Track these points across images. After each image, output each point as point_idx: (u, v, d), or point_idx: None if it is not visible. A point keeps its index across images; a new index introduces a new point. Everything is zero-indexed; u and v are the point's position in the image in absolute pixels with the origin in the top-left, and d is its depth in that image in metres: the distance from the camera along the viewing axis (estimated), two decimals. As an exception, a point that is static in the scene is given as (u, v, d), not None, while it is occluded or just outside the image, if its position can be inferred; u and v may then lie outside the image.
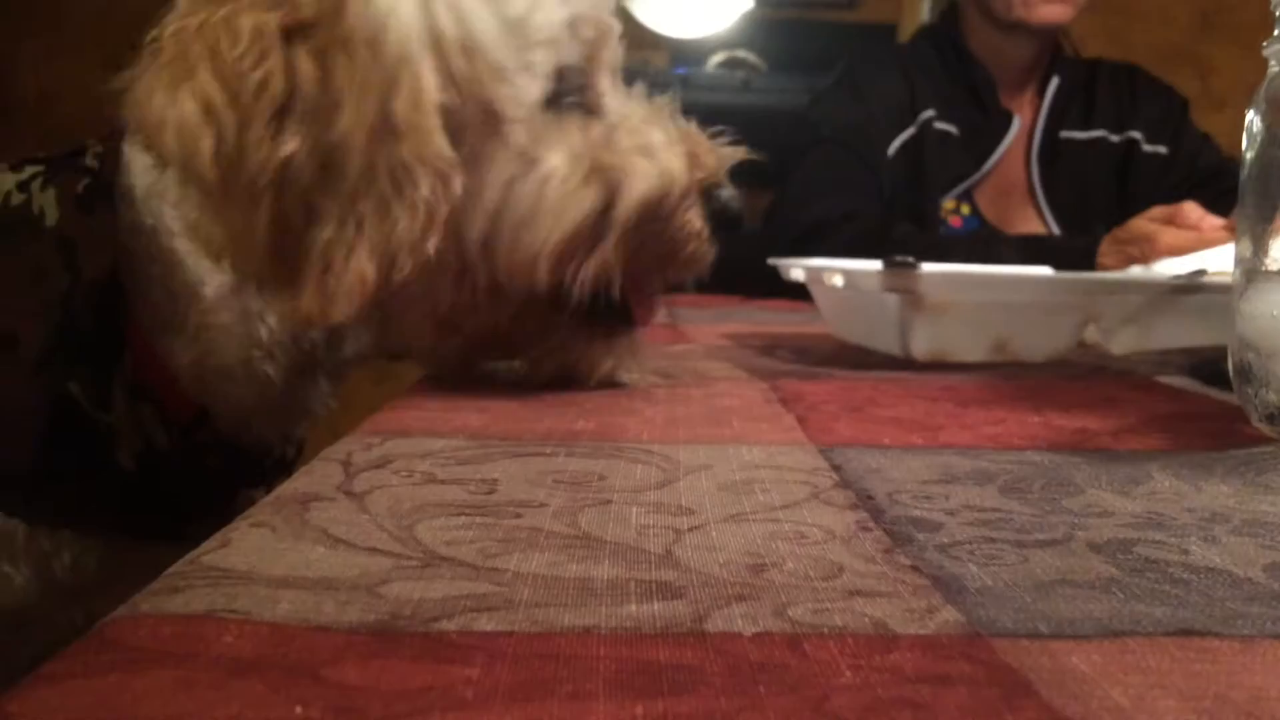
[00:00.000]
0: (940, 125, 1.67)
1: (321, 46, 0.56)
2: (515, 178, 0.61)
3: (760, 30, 3.09)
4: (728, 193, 0.69)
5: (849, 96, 1.69)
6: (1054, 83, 1.70)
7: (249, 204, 0.56)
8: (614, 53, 0.68)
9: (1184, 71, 2.51)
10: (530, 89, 0.62)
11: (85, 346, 0.66)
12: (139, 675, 0.24)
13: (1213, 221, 1.30)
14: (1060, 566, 0.34)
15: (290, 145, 0.55)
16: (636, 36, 3.07)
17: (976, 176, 1.68)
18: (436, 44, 0.58)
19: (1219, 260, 0.99)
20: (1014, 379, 0.75)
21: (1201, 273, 0.90)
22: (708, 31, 3.06)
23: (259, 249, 0.57)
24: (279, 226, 0.56)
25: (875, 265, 0.84)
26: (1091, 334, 0.86)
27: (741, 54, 3.05)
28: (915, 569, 0.33)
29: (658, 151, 0.65)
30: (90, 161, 0.70)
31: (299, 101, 0.55)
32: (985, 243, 1.48)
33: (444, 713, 0.23)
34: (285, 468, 0.78)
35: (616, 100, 0.68)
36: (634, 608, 0.29)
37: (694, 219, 0.66)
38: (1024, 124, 1.71)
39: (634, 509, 0.40)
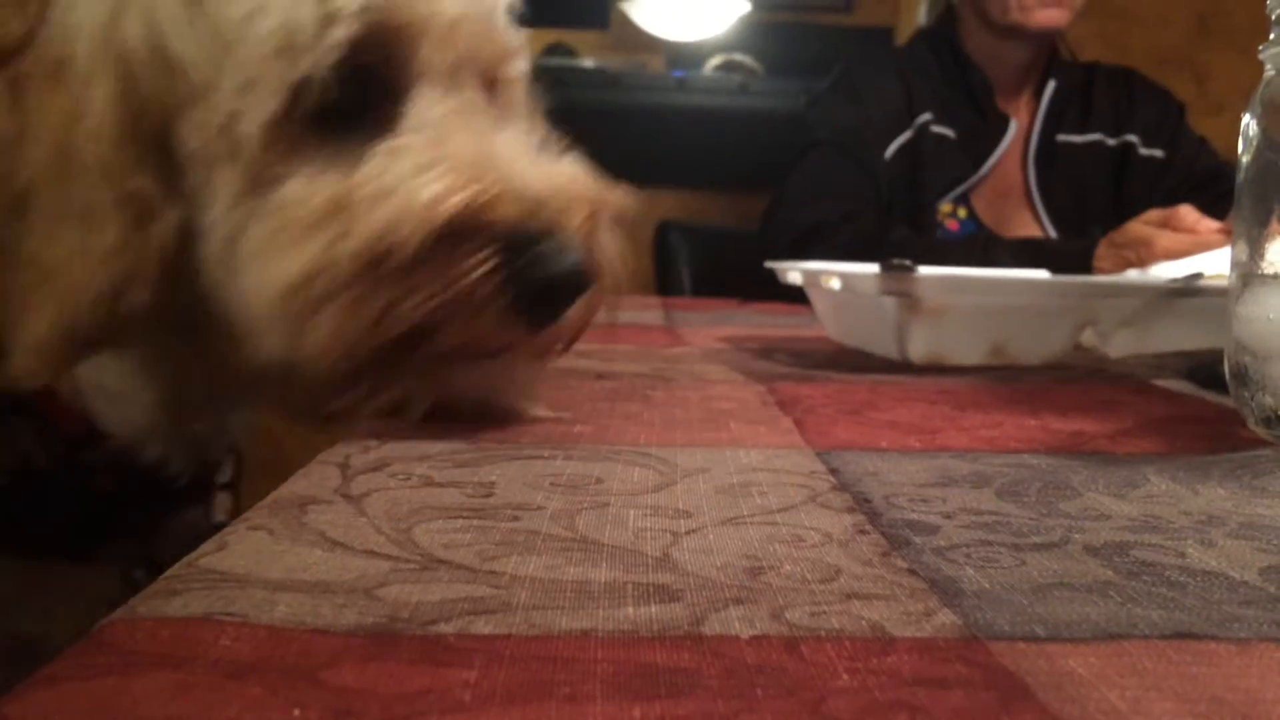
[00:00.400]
0: (937, 128, 1.67)
1: (17, 74, 0.50)
2: (245, 215, 0.52)
3: (757, 33, 3.10)
4: (558, 245, 0.51)
5: (846, 99, 1.69)
6: (1051, 86, 1.71)
7: None
8: (446, 46, 0.55)
9: (1180, 75, 2.52)
10: (253, 108, 0.51)
11: None
12: (137, 678, 0.24)
13: (1209, 224, 1.31)
14: (1057, 570, 0.34)
15: None
16: (633, 39, 3.08)
17: (973, 180, 1.69)
18: (124, 62, 0.50)
19: (1215, 264, 0.99)
20: (1011, 382, 0.76)
21: (1198, 276, 0.90)
22: (704, 35, 3.07)
23: None
24: None
25: (872, 268, 0.84)
26: (1088, 337, 0.86)
27: (738, 57, 3.06)
28: (912, 572, 0.33)
29: (402, 190, 0.50)
30: None
31: None
32: (982, 246, 1.48)
33: (441, 715, 0.23)
34: (207, 486, 0.73)
35: (434, 112, 0.54)
36: (631, 610, 0.29)
37: (468, 277, 0.50)
38: (1021, 127, 1.71)
39: (631, 512, 0.40)
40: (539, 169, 0.54)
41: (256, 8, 0.50)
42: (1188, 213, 1.33)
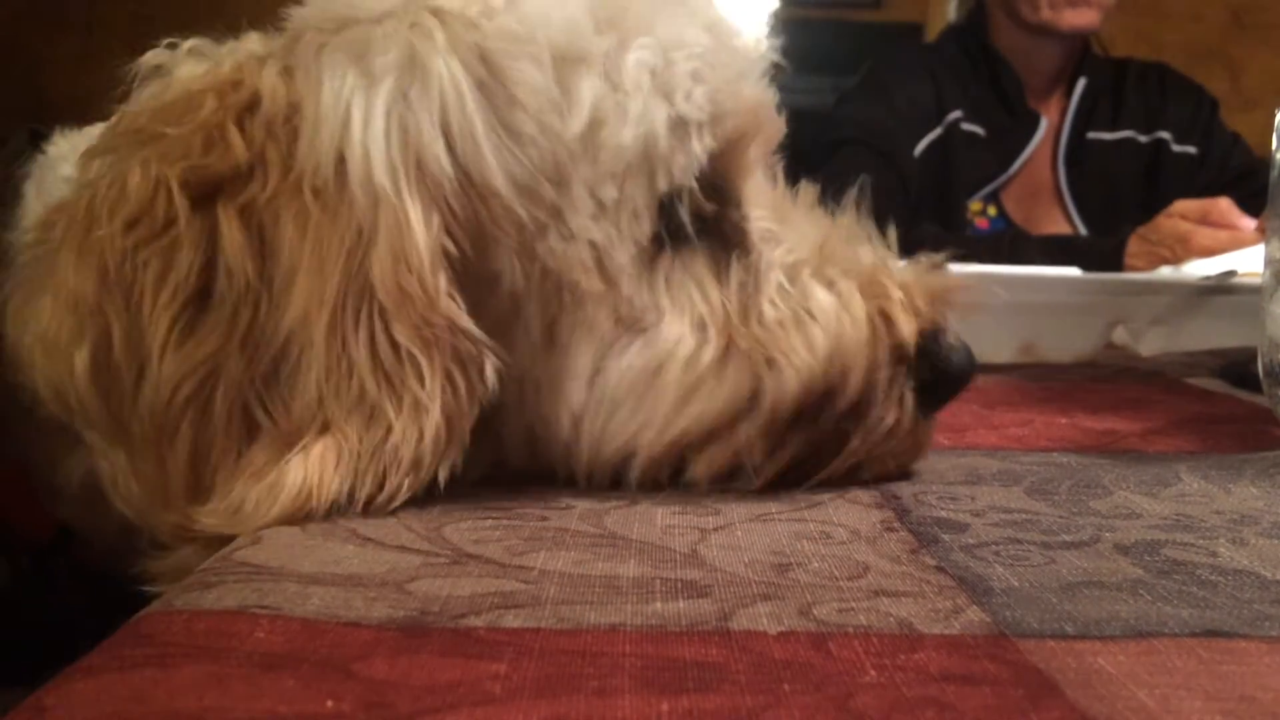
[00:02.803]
0: (967, 126, 1.66)
1: (253, 203, 0.40)
2: (608, 357, 0.44)
3: (785, 30, 3.08)
4: (950, 343, 0.48)
5: (875, 97, 1.68)
6: (1081, 83, 1.69)
7: (158, 439, 0.40)
8: (767, 139, 0.50)
9: (1214, 71, 2.49)
10: (614, 239, 0.43)
11: None
12: (172, 670, 0.24)
13: (1247, 221, 1.29)
14: (1087, 568, 0.34)
15: (212, 340, 0.39)
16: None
17: (1003, 178, 1.67)
18: (426, 179, 0.41)
19: (1249, 261, 0.98)
20: (1041, 380, 0.75)
21: (1231, 274, 0.89)
22: (733, 32, 3.06)
23: (179, 490, 0.40)
24: (201, 453, 0.40)
25: (901, 266, 0.84)
26: (1120, 335, 0.85)
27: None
28: (941, 569, 0.33)
29: (825, 317, 0.45)
30: None
31: (221, 284, 0.40)
32: (1011, 243, 1.47)
33: (472, 707, 0.23)
34: None
35: (766, 214, 0.48)
36: (660, 606, 0.29)
37: (891, 407, 0.46)
38: (1051, 125, 1.69)
39: (660, 509, 0.40)
40: (896, 271, 0.49)
41: (598, 120, 0.42)
42: (1228, 207, 1.31)
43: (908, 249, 0.56)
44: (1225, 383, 0.75)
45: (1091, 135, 1.70)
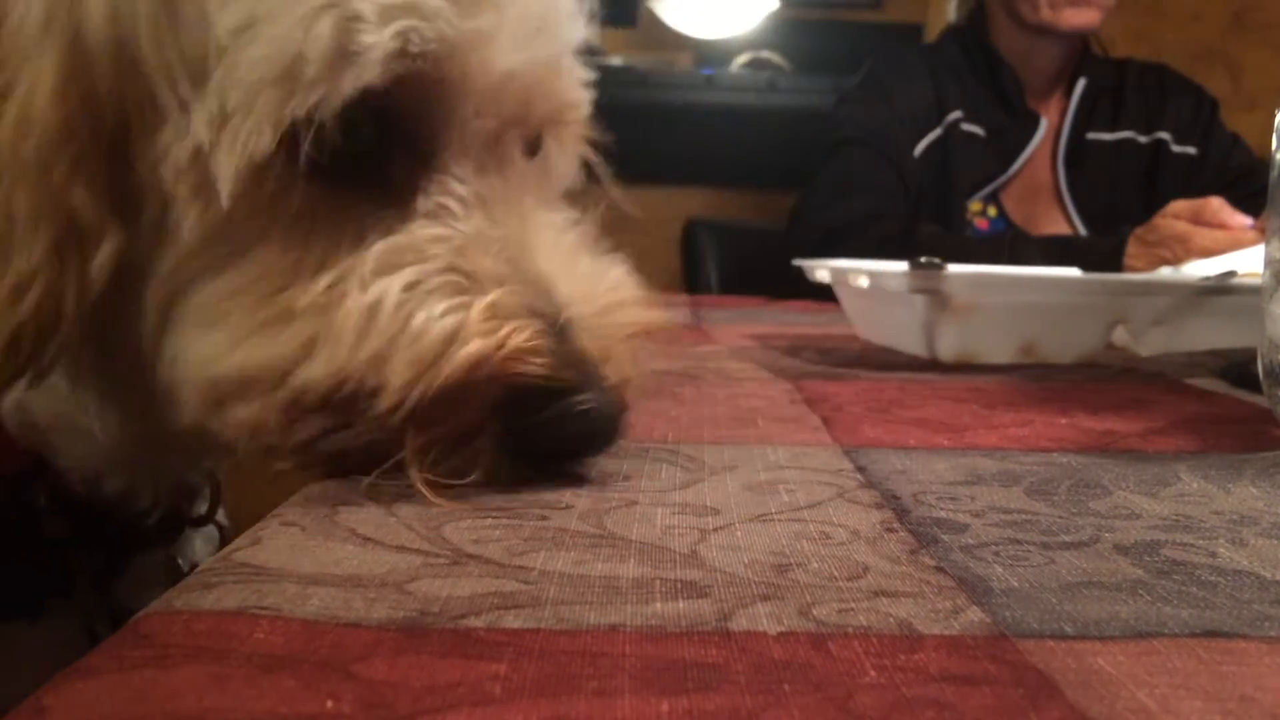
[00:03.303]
0: (967, 127, 1.66)
1: None
2: (198, 271, 0.43)
3: (785, 31, 3.09)
4: (576, 407, 0.42)
5: (874, 97, 1.69)
6: (1081, 84, 1.69)
7: None
8: (499, 115, 0.46)
9: (1214, 71, 2.49)
10: (223, 146, 0.40)
11: None
12: (173, 670, 0.25)
13: (1241, 219, 1.29)
14: (1086, 568, 0.34)
15: None
16: (661, 37, 3.07)
17: (1003, 178, 1.67)
18: (79, 47, 0.40)
19: (1249, 261, 0.98)
20: (1041, 380, 0.75)
21: (1231, 274, 0.90)
22: (733, 32, 3.06)
23: None
24: None
25: (901, 266, 0.84)
26: (1120, 335, 0.85)
27: (766, 54, 3.05)
28: (940, 570, 0.33)
29: (390, 323, 0.41)
30: None
31: None
32: (1010, 243, 1.47)
33: (472, 708, 0.23)
34: (177, 524, 0.62)
35: (462, 197, 0.44)
36: (659, 606, 0.29)
37: (470, 445, 0.42)
38: (1051, 125, 1.70)
39: (659, 509, 0.40)
40: (575, 286, 0.45)
41: (250, 20, 0.40)
42: (1220, 206, 1.31)
43: (908, 249, 0.55)
44: (1225, 383, 0.75)
45: (1091, 136, 1.71)
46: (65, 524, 0.56)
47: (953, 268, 0.82)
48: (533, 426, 0.41)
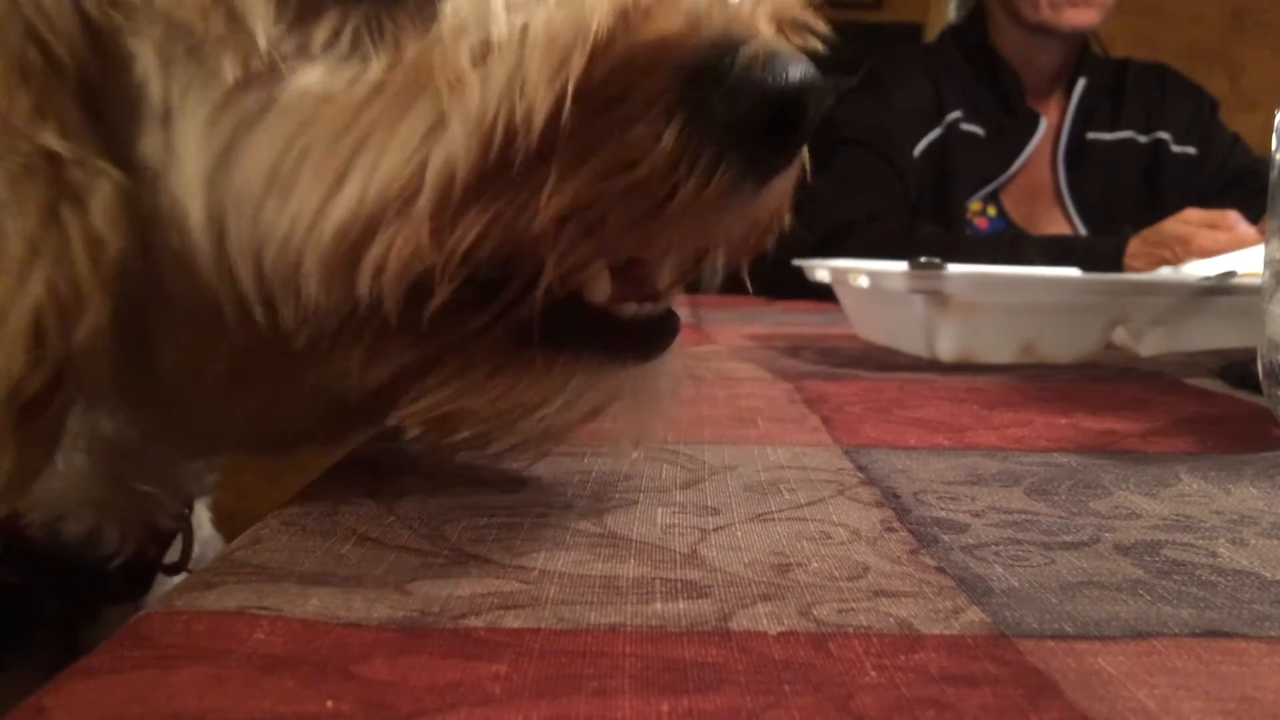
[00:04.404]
0: (966, 126, 1.66)
1: None
2: (238, 126, 0.35)
3: (786, 31, 3.08)
4: (758, 53, 0.33)
5: (874, 98, 1.69)
6: (1081, 83, 1.69)
7: None
8: None
9: (1214, 72, 2.49)
10: None
11: None
12: (172, 671, 0.24)
13: (1255, 232, 1.29)
14: (1087, 568, 0.34)
15: None
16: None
17: (1003, 178, 1.68)
18: None
19: (1249, 262, 0.98)
20: (1041, 380, 0.75)
21: (1231, 274, 0.90)
22: (733, 33, 3.06)
23: None
24: None
25: (901, 266, 0.84)
26: (1120, 335, 0.85)
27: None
28: (941, 570, 0.33)
29: (506, 30, 0.34)
30: None
31: None
32: (1010, 243, 1.47)
33: (472, 708, 0.23)
34: (146, 570, 0.54)
35: None
36: (660, 606, 0.29)
37: (650, 126, 0.33)
38: (1051, 125, 1.70)
39: (660, 508, 0.40)
40: None
41: None
42: (1236, 220, 1.31)
43: (908, 249, 0.56)
44: (1225, 383, 0.75)
45: (1091, 135, 1.71)
46: (19, 572, 0.49)
47: (953, 268, 0.82)
48: (739, 88, 0.33)
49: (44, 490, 0.45)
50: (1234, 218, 1.32)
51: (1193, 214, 1.36)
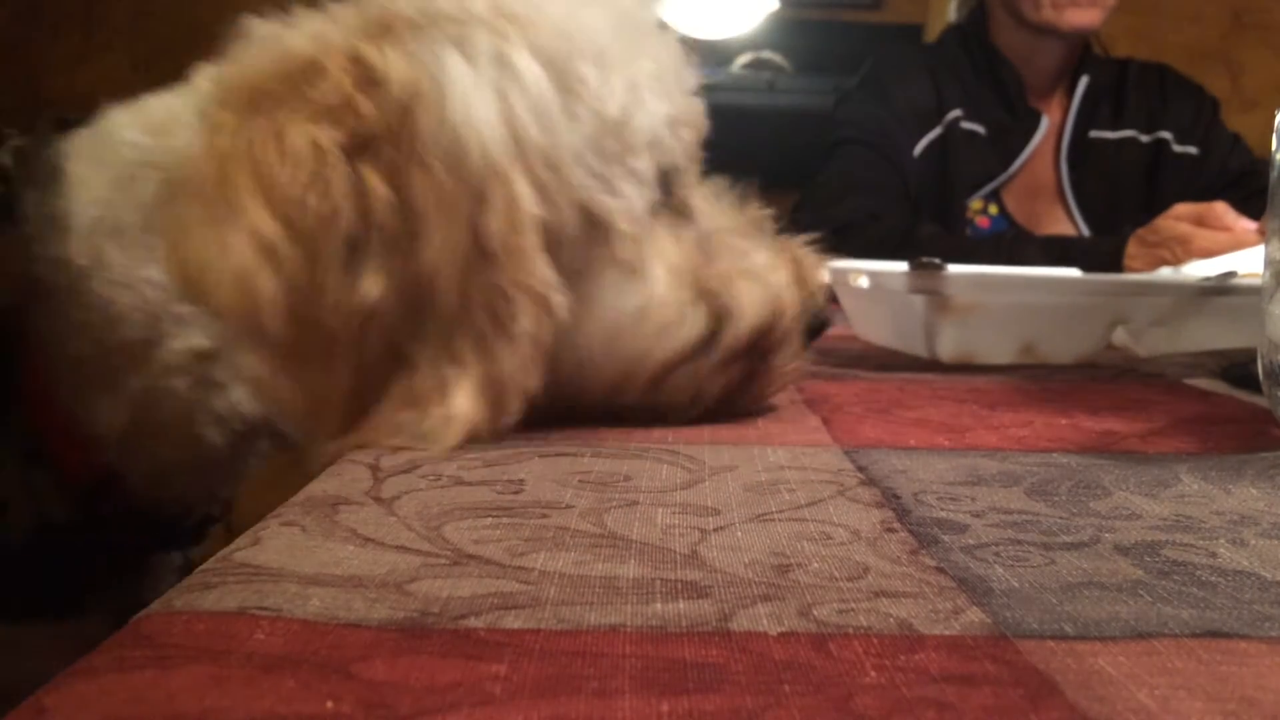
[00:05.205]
0: (967, 125, 1.66)
1: (391, 164, 0.47)
2: (621, 294, 0.54)
3: (786, 31, 3.09)
4: (821, 308, 0.62)
5: (874, 97, 1.69)
6: (1083, 82, 1.69)
7: (329, 359, 0.48)
8: (699, 151, 0.61)
9: (1214, 71, 2.49)
10: (636, 197, 0.54)
11: None
12: (173, 671, 0.25)
13: (1245, 224, 1.29)
14: (1087, 569, 0.34)
15: (373, 284, 0.47)
16: (662, 38, 3.06)
17: (1004, 177, 1.68)
18: (524, 154, 0.50)
19: (1249, 262, 0.98)
20: (1041, 381, 0.75)
21: (1231, 274, 0.90)
22: (733, 33, 3.06)
23: (339, 406, 0.49)
24: (361, 378, 0.48)
25: (901, 266, 0.84)
26: (1120, 336, 0.85)
27: (767, 55, 3.05)
28: (941, 570, 0.33)
29: (765, 275, 0.58)
30: (4, 160, 0.58)
31: (374, 231, 0.47)
32: (1010, 243, 1.47)
33: (472, 708, 0.23)
34: (206, 525, 0.68)
35: (703, 201, 0.60)
36: (660, 606, 0.29)
37: (797, 344, 0.59)
38: (1052, 124, 1.70)
39: (660, 509, 0.40)
40: (798, 248, 0.63)
41: (633, 101, 0.54)
42: (1224, 210, 1.31)
43: (908, 249, 0.57)
44: (1225, 383, 0.75)
45: (1093, 134, 1.71)
46: (127, 533, 0.61)
47: (953, 268, 0.82)
48: (815, 316, 0.61)
49: (162, 462, 0.59)
50: (1222, 209, 1.32)
51: (1182, 209, 1.36)
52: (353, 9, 0.52)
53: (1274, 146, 0.53)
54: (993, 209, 1.69)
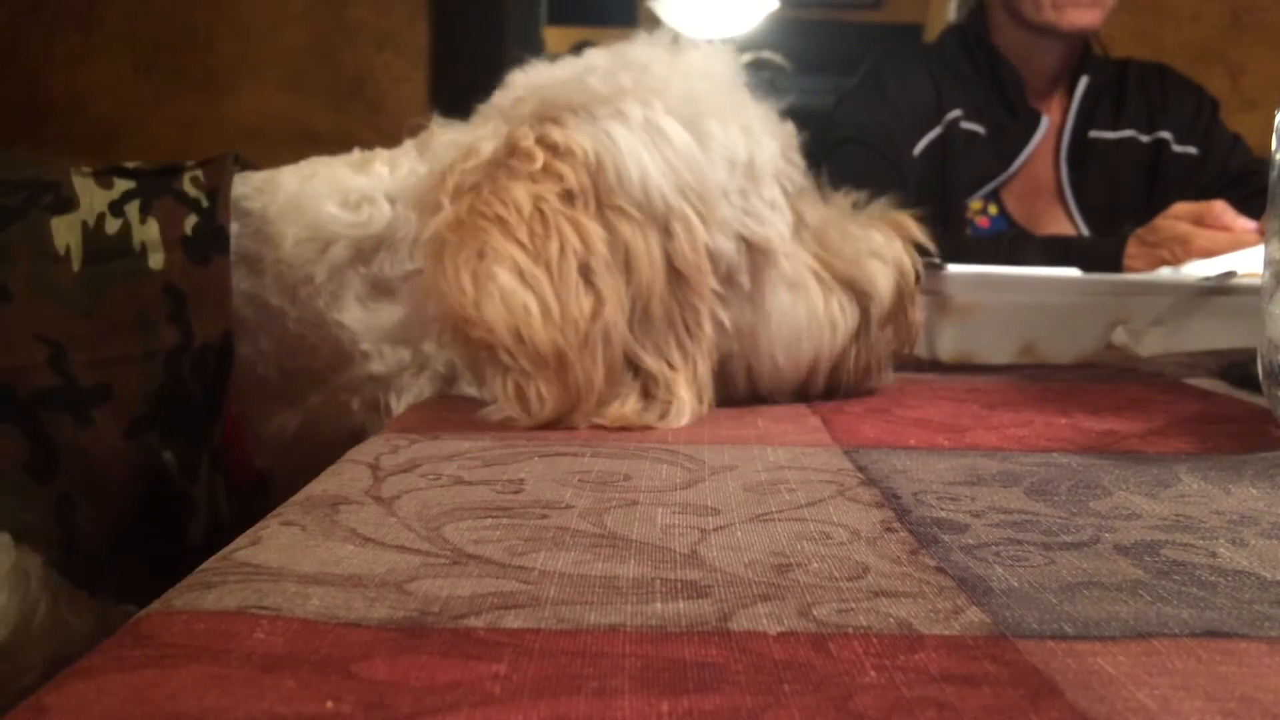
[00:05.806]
0: (967, 125, 1.66)
1: (597, 210, 0.59)
2: (793, 305, 0.64)
3: (786, 30, 3.09)
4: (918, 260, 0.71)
5: (874, 97, 1.68)
6: (1083, 82, 1.69)
7: (587, 359, 0.57)
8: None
9: (1214, 71, 2.49)
10: (780, 222, 0.64)
11: (187, 415, 0.62)
12: (173, 670, 0.24)
13: (1244, 222, 1.29)
14: (1086, 568, 0.34)
15: (604, 299, 0.57)
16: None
17: (1004, 176, 1.67)
18: (686, 194, 0.60)
19: (1249, 262, 0.98)
20: (1041, 381, 0.75)
21: (1231, 274, 0.90)
22: (733, 32, 3.06)
23: (593, 397, 0.58)
24: (610, 375, 0.58)
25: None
26: (1120, 336, 0.85)
27: (767, 54, 3.05)
28: (941, 570, 0.33)
29: (885, 250, 0.68)
30: (190, 190, 0.65)
31: (596, 259, 0.57)
32: (1010, 243, 1.47)
33: (472, 708, 0.23)
34: None
35: (804, 206, 0.69)
36: (659, 606, 0.29)
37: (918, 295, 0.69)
38: (1052, 124, 1.69)
39: (660, 509, 0.40)
40: (896, 215, 0.73)
41: (749, 149, 0.63)
42: (1222, 209, 1.31)
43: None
44: (1225, 383, 0.75)
45: (1093, 134, 1.70)
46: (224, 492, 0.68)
47: (953, 268, 0.82)
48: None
49: (294, 468, 0.62)
50: (1221, 208, 1.31)
51: (1182, 208, 1.36)
52: (510, 107, 0.64)
53: (1274, 146, 0.53)
54: (993, 209, 1.69)
